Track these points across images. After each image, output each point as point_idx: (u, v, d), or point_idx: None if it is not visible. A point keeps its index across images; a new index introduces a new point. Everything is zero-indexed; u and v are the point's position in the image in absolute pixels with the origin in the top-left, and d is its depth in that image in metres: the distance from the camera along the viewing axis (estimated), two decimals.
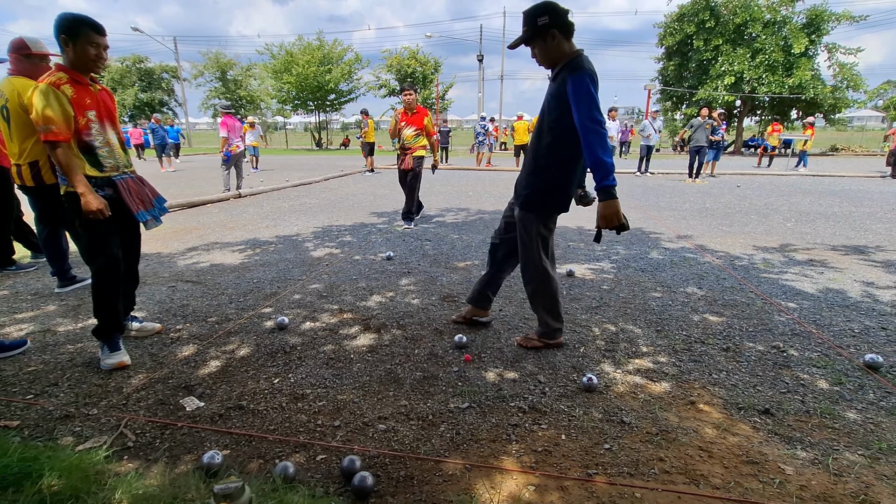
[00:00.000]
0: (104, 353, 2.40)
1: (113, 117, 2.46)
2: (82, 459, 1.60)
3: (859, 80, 21.83)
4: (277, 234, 5.59)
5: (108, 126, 2.40)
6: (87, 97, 2.30)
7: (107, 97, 2.46)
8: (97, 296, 2.38)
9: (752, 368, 2.40)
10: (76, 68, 2.27)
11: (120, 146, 2.48)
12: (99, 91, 2.40)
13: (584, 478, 1.63)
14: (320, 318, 3.05)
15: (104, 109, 2.40)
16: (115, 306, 2.41)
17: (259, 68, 32.95)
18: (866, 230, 5.77)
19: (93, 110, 2.31)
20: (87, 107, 2.29)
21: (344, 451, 1.76)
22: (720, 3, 22.41)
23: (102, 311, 2.39)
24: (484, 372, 2.36)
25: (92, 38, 2.23)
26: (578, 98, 2.11)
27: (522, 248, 2.52)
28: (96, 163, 2.33)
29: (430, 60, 31.34)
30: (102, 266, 2.36)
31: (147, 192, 2.56)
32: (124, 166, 2.47)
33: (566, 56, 2.23)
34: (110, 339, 2.41)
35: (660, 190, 9.78)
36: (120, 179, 2.41)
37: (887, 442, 1.82)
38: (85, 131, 2.29)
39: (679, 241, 5.23)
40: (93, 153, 2.32)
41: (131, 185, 2.47)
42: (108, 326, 2.40)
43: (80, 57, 2.25)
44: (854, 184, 10.93)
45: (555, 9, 2.18)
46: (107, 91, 2.48)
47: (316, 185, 10.67)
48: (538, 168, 2.39)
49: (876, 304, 3.28)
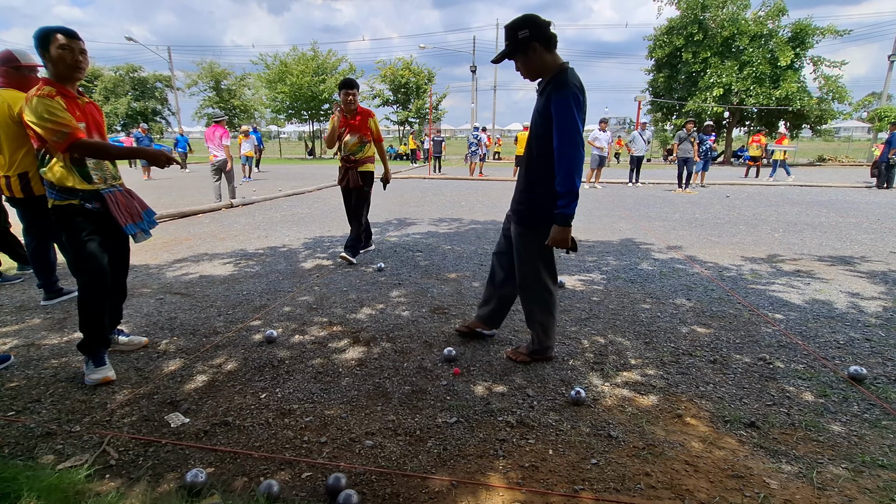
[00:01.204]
0: (89, 368, 2.37)
1: (101, 130, 2.46)
2: (62, 479, 1.58)
3: (844, 92, 22.26)
4: (268, 244, 5.57)
5: (96, 139, 2.39)
6: (76, 109, 2.29)
7: (94, 110, 2.45)
8: (83, 309, 2.36)
9: (738, 381, 2.41)
10: (60, 79, 2.26)
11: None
12: (87, 104, 2.39)
13: (570, 494, 1.63)
14: (309, 330, 3.04)
15: (92, 122, 2.39)
16: (101, 320, 2.39)
17: (253, 78, 33.01)
18: (852, 241, 5.85)
19: (82, 122, 2.30)
20: (77, 118, 2.27)
21: (330, 468, 1.74)
22: (708, 17, 22.83)
23: (88, 324, 2.36)
24: (473, 385, 2.36)
25: (63, 43, 2.21)
26: (561, 121, 2.14)
27: (520, 263, 2.52)
28: (85, 175, 2.31)
29: (423, 71, 31.59)
30: (89, 280, 2.34)
31: (136, 205, 2.55)
32: (112, 179, 2.45)
33: (551, 69, 2.26)
34: (96, 354, 2.38)
35: (650, 200, 9.87)
36: (108, 192, 2.40)
37: (870, 455, 1.83)
38: None
39: (669, 251, 5.28)
40: (82, 165, 2.31)
41: (119, 198, 2.45)
42: (93, 341, 2.37)
43: (58, 66, 2.22)
44: (840, 194, 11.09)
45: (535, 21, 2.21)
46: (94, 104, 2.48)
47: (308, 195, 10.67)
48: (531, 183, 2.40)
49: (861, 316, 3.32)
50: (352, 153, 4.60)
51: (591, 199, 9.96)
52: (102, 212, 2.36)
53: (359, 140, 4.58)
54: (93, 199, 2.34)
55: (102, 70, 35.77)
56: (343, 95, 4.50)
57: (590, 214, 7.89)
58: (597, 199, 9.97)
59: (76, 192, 2.27)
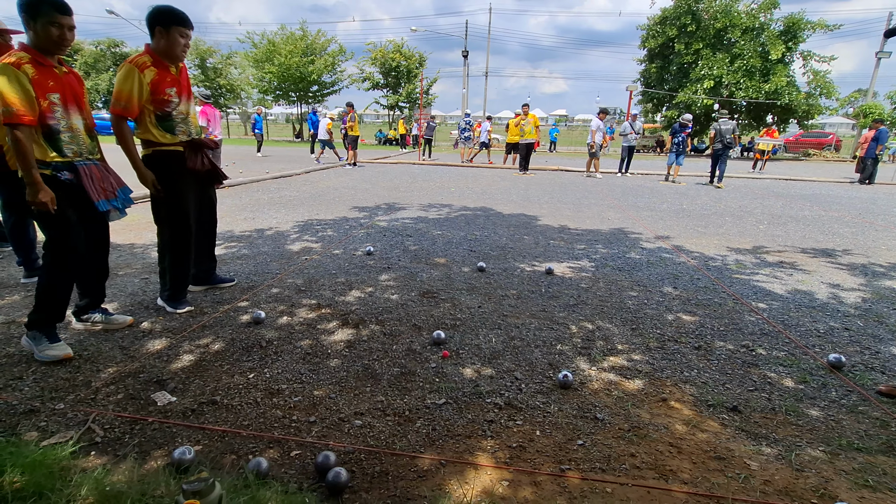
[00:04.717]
0: (41, 343, 2.29)
1: (80, 101, 2.38)
2: (47, 455, 1.56)
3: (832, 88, 22.54)
4: (256, 226, 5.50)
5: (73, 110, 2.31)
6: (51, 79, 2.20)
7: (74, 80, 2.36)
8: (48, 287, 2.29)
9: (722, 367, 2.46)
10: (39, 49, 2.18)
11: (87, 132, 2.39)
12: (65, 74, 2.30)
13: (557, 473, 1.65)
14: (298, 312, 3.02)
15: (69, 93, 2.30)
16: (64, 300, 2.34)
17: (240, 57, 32.27)
18: (834, 234, 5.97)
19: (56, 93, 2.22)
20: (49, 89, 2.19)
21: (319, 446, 1.75)
22: (702, 8, 22.84)
23: (48, 302, 2.30)
24: (461, 368, 2.37)
25: (54, 18, 2.14)
26: None
27: None
28: (57, 148, 2.24)
29: (414, 55, 31.16)
30: (56, 258, 2.28)
31: (112, 181, 2.48)
32: (88, 153, 2.38)
33: None
34: (51, 330, 2.32)
35: (639, 190, 9.93)
36: (82, 165, 2.33)
37: (847, 439, 1.89)
38: (47, 114, 2.19)
39: (656, 241, 5.33)
40: (54, 138, 2.23)
41: (94, 172, 2.38)
42: (51, 318, 2.31)
43: (41, 38, 2.16)
44: (824, 188, 11.28)
45: None
46: (74, 74, 2.39)
47: (296, 178, 10.53)
48: None
49: (841, 306, 3.40)
50: (198, 132, 2.96)
51: (580, 188, 10.00)
52: (76, 184, 2.29)
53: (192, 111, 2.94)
54: (65, 170, 2.27)
55: (83, 44, 34.68)
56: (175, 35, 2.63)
57: (579, 203, 7.93)
58: (586, 189, 10.00)
59: (48, 163, 2.20)
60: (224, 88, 33.25)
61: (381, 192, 8.71)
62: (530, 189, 9.63)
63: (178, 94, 2.69)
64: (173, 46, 2.62)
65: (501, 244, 4.94)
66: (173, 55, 2.65)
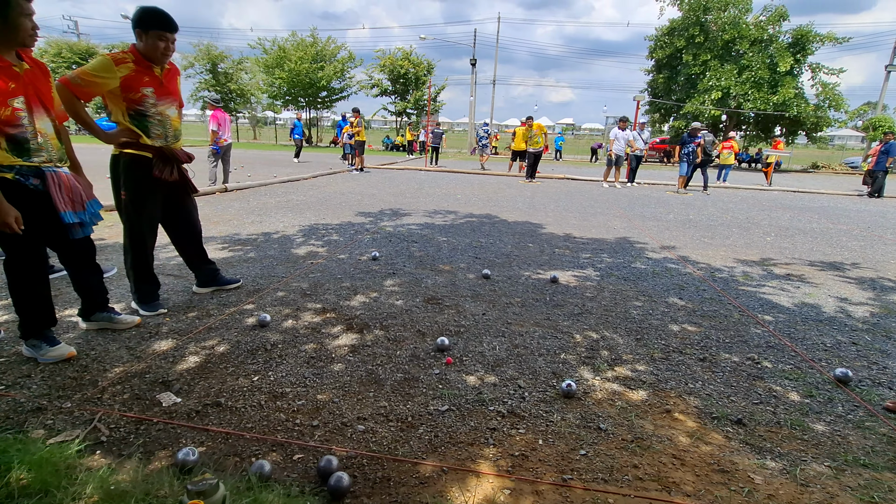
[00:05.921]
0: (41, 349, 2.26)
1: (47, 100, 2.14)
2: (53, 453, 1.58)
3: (841, 100, 22.44)
4: (263, 230, 5.54)
5: (39, 113, 2.09)
6: (11, 81, 1.95)
7: (38, 77, 2.10)
8: (18, 301, 2.23)
9: (727, 379, 2.45)
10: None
11: (56, 136, 2.20)
12: (26, 71, 2.04)
13: (559, 483, 1.65)
14: (303, 316, 3.03)
15: (33, 92, 2.06)
16: (42, 308, 2.28)
17: (251, 62, 32.63)
18: (842, 247, 5.92)
19: (19, 96, 1.99)
20: (10, 93, 1.95)
21: (321, 450, 1.75)
22: (710, 20, 22.87)
23: (26, 314, 2.25)
24: (465, 375, 2.37)
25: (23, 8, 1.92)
26: None
27: None
28: (25, 154, 2.05)
29: (423, 62, 31.39)
30: (15, 277, 2.20)
31: (80, 193, 2.29)
32: (58, 160, 2.20)
33: None
34: (42, 335, 2.28)
35: (645, 200, 9.92)
36: (51, 171, 2.15)
37: (853, 454, 1.87)
38: (12, 123, 1.98)
39: (662, 251, 5.32)
40: (22, 147, 2.03)
41: (63, 180, 2.20)
42: (37, 324, 2.26)
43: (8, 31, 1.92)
44: (833, 201, 11.21)
45: None
46: (39, 66, 2.14)
47: (304, 182, 10.60)
48: None
49: (848, 320, 3.37)
50: (176, 136, 2.88)
51: (586, 197, 10.00)
52: (42, 191, 2.11)
53: (178, 116, 2.91)
54: (32, 176, 2.09)
55: (97, 48, 35.17)
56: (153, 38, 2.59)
57: (585, 212, 7.93)
58: (592, 198, 10.00)
59: (11, 167, 2.02)
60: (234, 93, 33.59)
61: (388, 197, 8.75)
62: (536, 197, 9.64)
63: (156, 94, 2.64)
64: (151, 49, 2.58)
65: (506, 252, 4.95)
66: (152, 57, 2.61)
